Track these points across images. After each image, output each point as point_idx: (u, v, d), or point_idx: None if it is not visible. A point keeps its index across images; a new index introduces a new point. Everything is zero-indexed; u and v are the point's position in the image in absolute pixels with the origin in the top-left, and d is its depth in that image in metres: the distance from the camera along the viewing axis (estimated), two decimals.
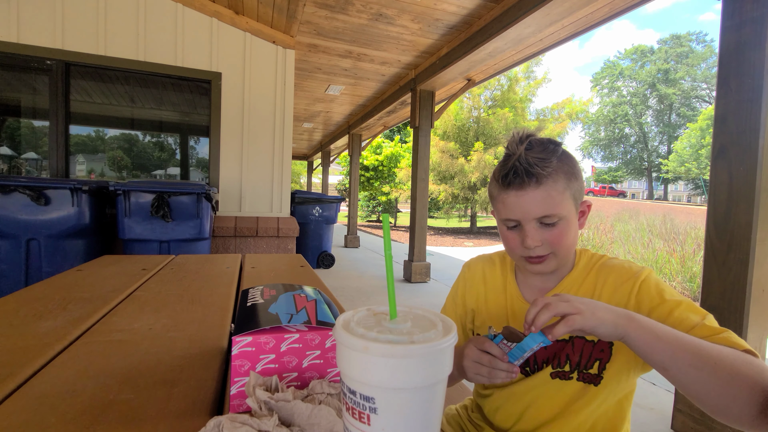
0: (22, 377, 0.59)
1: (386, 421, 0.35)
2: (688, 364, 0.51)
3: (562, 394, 0.69)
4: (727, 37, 1.67)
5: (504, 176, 0.67)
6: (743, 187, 1.60)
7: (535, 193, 0.65)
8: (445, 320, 0.40)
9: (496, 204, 0.72)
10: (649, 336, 0.52)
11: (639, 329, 0.53)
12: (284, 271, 1.47)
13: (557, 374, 0.69)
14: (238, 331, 0.52)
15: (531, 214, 0.66)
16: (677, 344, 0.51)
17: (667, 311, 0.60)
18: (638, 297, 0.64)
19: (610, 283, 0.68)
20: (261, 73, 3.77)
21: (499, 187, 0.69)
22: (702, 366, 0.50)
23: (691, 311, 0.60)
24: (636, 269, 0.67)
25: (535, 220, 0.66)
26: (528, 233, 0.66)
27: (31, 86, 3.36)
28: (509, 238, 0.71)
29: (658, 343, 0.52)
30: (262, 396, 0.48)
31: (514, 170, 0.65)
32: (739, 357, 0.51)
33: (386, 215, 0.41)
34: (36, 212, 2.53)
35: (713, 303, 1.69)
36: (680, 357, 0.51)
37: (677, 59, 40.50)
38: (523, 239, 0.67)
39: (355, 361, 0.35)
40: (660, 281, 0.65)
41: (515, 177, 0.65)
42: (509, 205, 0.68)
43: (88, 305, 0.94)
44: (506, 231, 0.71)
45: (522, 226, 0.68)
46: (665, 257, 5.62)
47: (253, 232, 3.60)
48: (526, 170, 0.64)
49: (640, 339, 0.52)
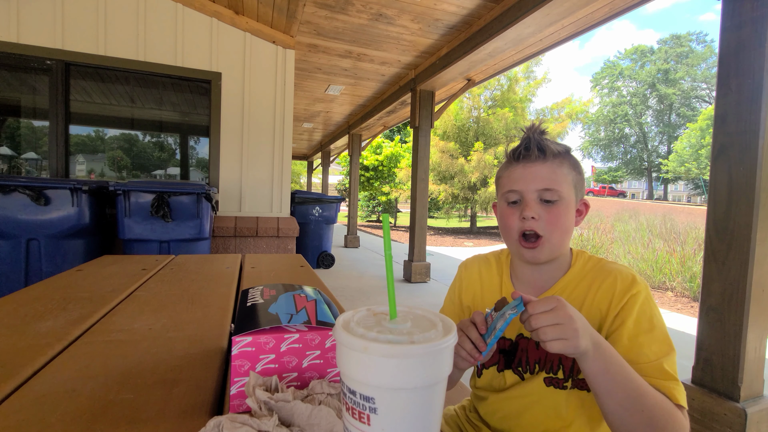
0: (22, 377, 0.59)
1: (386, 422, 0.35)
2: (617, 403, 0.56)
3: (558, 401, 0.69)
4: (727, 37, 1.67)
5: (515, 150, 0.72)
6: (743, 187, 1.61)
7: (541, 167, 0.69)
8: (445, 320, 0.40)
9: (501, 182, 0.74)
10: (603, 367, 0.56)
11: (597, 358, 0.56)
12: (284, 271, 1.47)
13: (551, 381, 0.69)
14: (238, 331, 0.52)
15: (534, 185, 0.69)
16: (618, 383, 0.56)
17: (635, 333, 0.63)
18: (621, 310, 0.65)
19: (603, 289, 0.68)
20: (261, 73, 3.77)
21: (508, 164, 0.74)
22: (629, 408, 0.55)
23: (657, 342, 0.62)
24: (630, 281, 0.67)
25: (537, 193, 0.69)
26: (528, 203, 0.69)
27: (31, 86, 3.36)
28: (507, 215, 0.72)
29: (604, 376, 0.56)
30: (261, 396, 0.48)
31: (526, 143, 0.70)
32: (666, 411, 0.56)
33: (386, 215, 0.41)
34: (36, 212, 2.53)
35: (713, 303, 1.69)
36: (615, 394, 0.56)
37: (677, 59, 40.49)
38: (522, 210, 0.69)
39: (355, 362, 0.35)
40: (648, 301, 0.66)
41: (526, 150, 0.70)
42: (514, 176, 0.71)
43: (88, 305, 0.94)
44: (506, 207, 0.73)
45: (523, 200, 0.70)
46: (665, 257, 5.62)
47: (253, 232, 3.60)
48: (538, 144, 0.69)
49: (594, 366, 0.56)
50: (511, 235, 0.72)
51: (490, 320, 0.60)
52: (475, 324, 0.61)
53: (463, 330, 0.62)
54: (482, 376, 0.78)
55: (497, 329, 0.57)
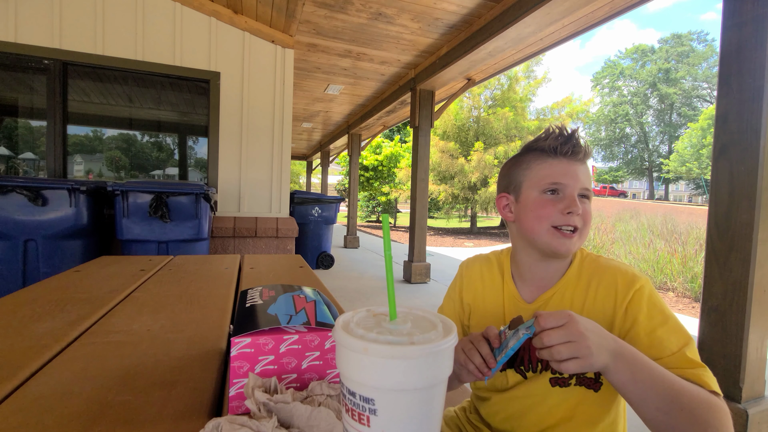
0: (19, 379, 0.58)
1: (386, 423, 0.34)
2: (655, 408, 0.54)
3: (563, 400, 0.68)
4: (728, 37, 1.66)
5: (563, 143, 0.71)
6: (744, 187, 1.60)
7: (582, 166, 0.72)
8: (445, 321, 0.39)
9: (536, 173, 0.73)
10: (630, 377, 0.55)
11: (621, 369, 0.55)
12: (283, 271, 1.47)
13: (557, 381, 0.69)
14: (237, 332, 0.52)
15: (580, 182, 0.71)
16: (650, 388, 0.54)
17: (651, 328, 0.62)
18: (629, 306, 0.65)
19: (604, 286, 0.68)
20: (260, 72, 3.77)
21: (547, 155, 0.73)
22: (668, 410, 0.53)
23: (675, 333, 0.61)
24: (631, 276, 0.67)
25: (579, 191, 0.71)
26: (574, 199, 0.70)
27: (29, 86, 3.35)
28: (545, 205, 0.71)
29: (633, 384, 0.54)
30: (261, 397, 0.48)
31: (572, 140, 0.71)
32: (704, 402, 0.54)
33: (386, 215, 0.40)
34: (33, 213, 2.53)
35: (715, 303, 1.69)
36: (650, 400, 0.54)
37: (678, 59, 40.53)
38: (567, 205, 0.69)
39: (355, 363, 0.34)
40: (653, 293, 0.65)
41: (574, 147, 0.71)
42: (560, 170, 0.71)
43: (86, 306, 0.94)
44: (542, 196, 0.72)
45: (564, 194, 0.71)
46: (666, 257, 5.62)
47: (252, 233, 3.60)
48: (582, 145, 0.72)
49: (620, 377, 0.55)
50: (543, 224, 0.71)
51: (503, 337, 0.59)
52: (488, 338, 0.61)
53: (474, 344, 0.61)
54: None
55: (509, 347, 0.56)
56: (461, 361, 0.62)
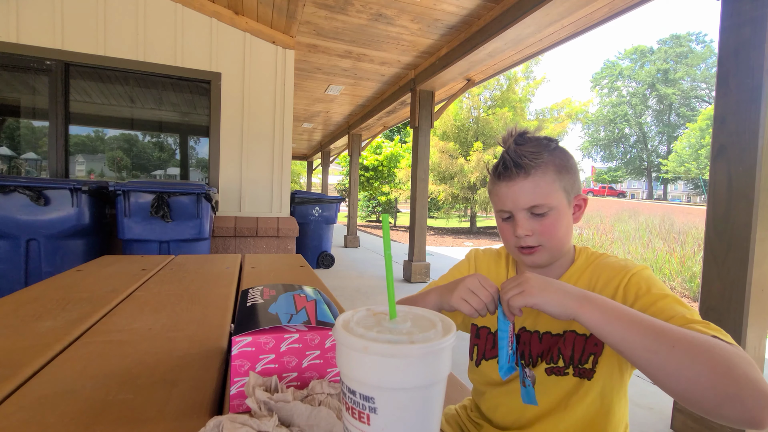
0: (21, 378, 0.58)
1: (386, 421, 0.35)
2: (642, 348, 0.48)
3: (558, 389, 0.69)
4: (726, 37, 1.67)
5: (494, 168, 0.73)
6: (743, 187, 1.61)
7: (523, 183, 0.68)
8: (444, 320, 0.40)
9: (492, 197, 0.76)
10: (601, 317, 0.51)
11: (591, 310, 0.52)
12: (284, 271, 1.47)
13: (552, 370, 0.70)
14: (238, 331, 0.52)
15: (520, 204, 0.69)
16: (628, 327, 0.50)
17: (650, 301, 0.60)
18: (626, 288, 0.64)
19: (604, 278, 0.69)
20: (261, 73, 3.77)
21: (493, 181, 0.74)
22: (657, 349, 0.47)
23: (677, 303, 0.58)
24: (631, 265, 0.67)
25: (525, 210, 0.69)
26: (518, 222, 0.70)
27: (31, 86, 3.35)
28: (504, 230, 0.74)
29: (609, 325, 0.51)
30: (261, 396, 0.48)
31: (503, 162, 0.70)
32: (702, 339, 0.47)
33: (386, 215, 0.41)
34: (35, 212, 2.53)
35: (713, 303, 1.69)
36: (631, 340, 0.49)
37: (677, 59, 40.49)
38: (515, 229, 0.70)
39: (355, 361, 0.35)
40: (652, 276, 0.65)
41: (505, 169, 0.70)
42: (501, 196, 0.72)
43: (88, 305, 0.94)
44: (502, 223, 0.75)
45: (513, 218, 0.71)
46: (665, 257, 5.62)
47: (253, 233, 3.60)
48: (515, 162, 0.68)
49: (592, 319, 0.52)
50: (509, 246, 0.75)
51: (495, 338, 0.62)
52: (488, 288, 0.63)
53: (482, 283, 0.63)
54: (484, 369, 0.78)
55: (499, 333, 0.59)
56: (462, 294, 0.63)
